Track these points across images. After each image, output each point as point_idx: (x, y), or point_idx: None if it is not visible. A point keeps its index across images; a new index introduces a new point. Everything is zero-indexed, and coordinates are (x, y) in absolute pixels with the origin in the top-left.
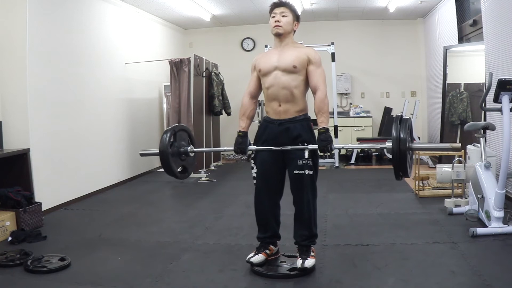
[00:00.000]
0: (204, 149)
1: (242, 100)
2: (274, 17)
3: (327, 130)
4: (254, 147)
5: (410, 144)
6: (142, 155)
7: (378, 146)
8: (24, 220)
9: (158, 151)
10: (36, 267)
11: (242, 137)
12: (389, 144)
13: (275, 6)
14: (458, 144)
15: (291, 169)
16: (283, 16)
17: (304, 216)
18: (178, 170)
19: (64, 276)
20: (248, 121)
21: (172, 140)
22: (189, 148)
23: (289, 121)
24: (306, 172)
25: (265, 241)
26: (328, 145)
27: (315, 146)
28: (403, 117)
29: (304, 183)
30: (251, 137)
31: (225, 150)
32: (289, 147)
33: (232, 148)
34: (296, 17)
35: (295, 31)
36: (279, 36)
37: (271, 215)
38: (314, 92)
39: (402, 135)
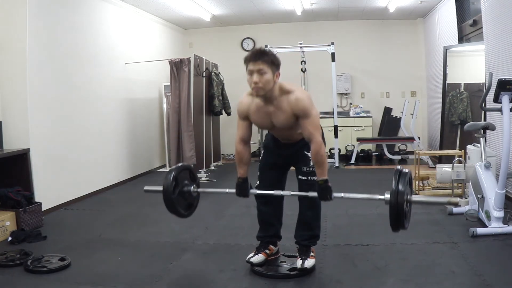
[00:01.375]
0: (208, 189)
1: (235, 147)
2: (250, 74)
3: (326, 181)
4: (256, 191)
5: (408, 197)
6: (146, 191)
7: (377, 197)
8: (24, 220)
9: (161, 189)
10: (36, 267)
11: (242, 182)
12: (387, 196)
13: (250, 60)
14: (456, 199)
15: (297, 174)
16: (261, 73)
17: (307, 218)
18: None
19: (64, 276)
20: (246, 167)
21: (174, 182)
22: (192, 188)
23: (292, 144)
24: (310, 177)
25: (265, 240)
26: (328, 195)
27: (315, 194)
28: (403, 170)
29: (306, 188)
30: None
31: (227, 193)
32: (290, 193)
33: (234, 191)
34: (277, 67)
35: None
36: (261, 95)
37: (274, 217)
38: (308, 142)
39: (401, 188)
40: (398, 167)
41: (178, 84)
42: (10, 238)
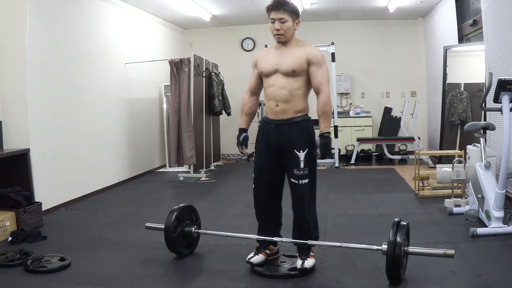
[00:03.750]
0: (208, 231)
1: (242, 96)
2: (273, 22)
3: (329, 133)
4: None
5: (405, 248)
6: (147, 228)
7: (376, 247)
8: (24, 220)
9: (163, 227)
10: (36, 267)
11: (239, 133)
12: (384, 247)
13: (272, 9)
14: (451, 251)
15: (288, 177)
16: (282, 22)
17: (302, 221)
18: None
19: (64, 276)
20: (247, 118)
21: (176, 221)
22: (192, 229)
23: (286, 122)
24: (301, 181)
25: (265, 241)
26: (328, 151)
27: (313, 242)
28: (401, 222)
29: (299, 192)
30: (252, 136)
31: (228, 236)
32: (289, 240)
33: (235, 235)
34: (297, 15)
35: (296, 29)
36: (282, 42)
37: (271, 219)
38: (316, 94)
39: (398, 239)
40: (396, 219)
41: (178, 84)
42: (10, 238)
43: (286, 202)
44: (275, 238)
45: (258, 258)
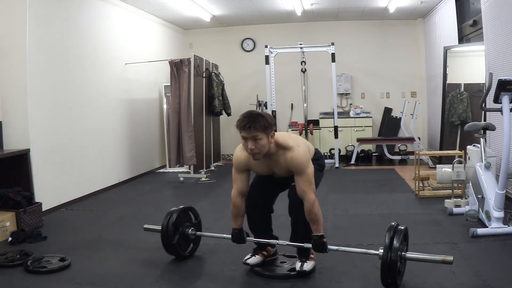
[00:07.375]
0: (207, 233)
1: (233, 200)
2: (245, 140)
3: (321, 236)
4: (252, 239)
5: (402, 253)
6: (145, 229)
7: (372, 252)
8: (24, 221)
9: (159, 229)
10: (36, 267)
11: (239, 233)
12: (381, 251)
13: (242, 128)
14: (450, 258)
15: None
16: (255, 140)
17: (300, 226)
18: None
19: (64, 276)
20: (242, 219)
21: (175, 222)
22: (190, 231)
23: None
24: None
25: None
26: (323, 250)
27: (309, 245)
28: (398, 227)
29: (297, 195)
30: None
31: (224, 238)
32: (285, 243)
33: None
34: (270, 128)
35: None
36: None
37: (265, 225)
38: (301, 199)
39: (395, 244)
40: (393, 223)
41: (178, 84)
42: (10, 239)
43: (287, 202)
44: (272, 241)
45: (255, 259)
